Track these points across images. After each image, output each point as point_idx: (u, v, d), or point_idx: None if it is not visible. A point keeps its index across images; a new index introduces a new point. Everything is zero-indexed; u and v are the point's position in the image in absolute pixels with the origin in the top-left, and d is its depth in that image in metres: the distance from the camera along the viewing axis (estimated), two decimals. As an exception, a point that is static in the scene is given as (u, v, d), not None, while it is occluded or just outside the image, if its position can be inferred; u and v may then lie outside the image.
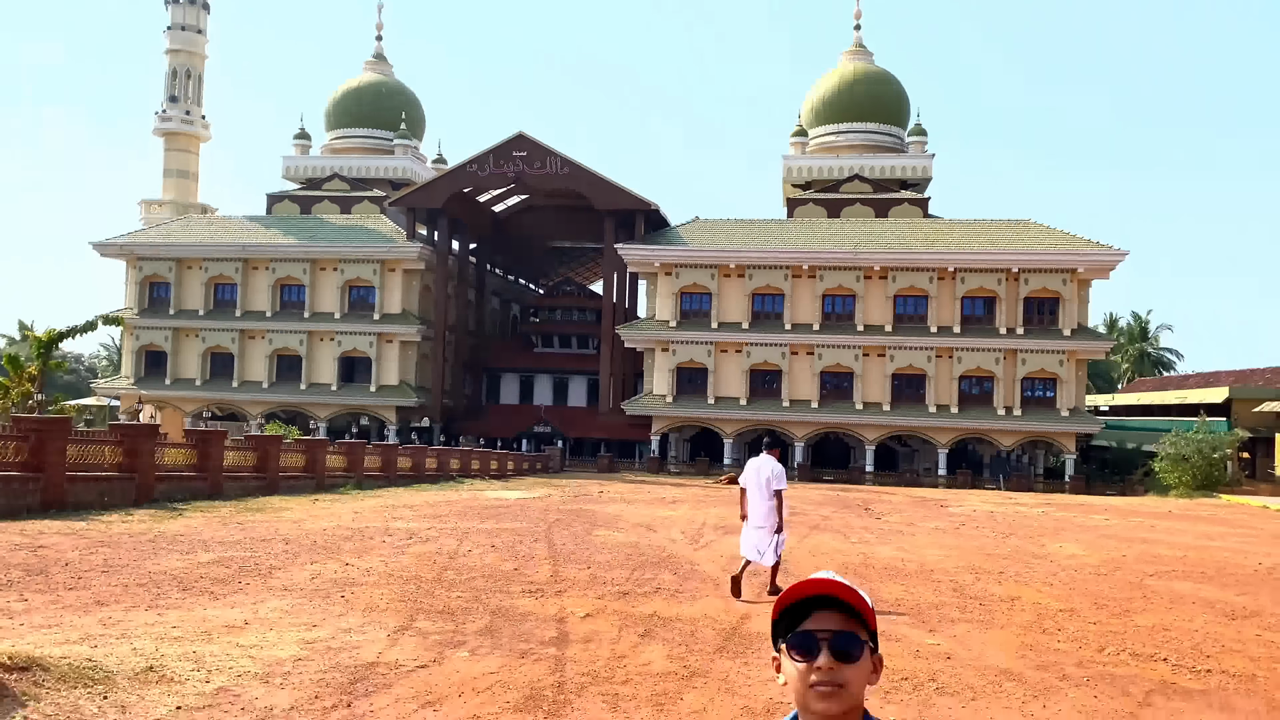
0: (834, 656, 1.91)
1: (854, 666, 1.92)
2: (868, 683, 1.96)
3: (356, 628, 9.28)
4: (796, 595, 1.97)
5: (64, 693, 6.51)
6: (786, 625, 1.98)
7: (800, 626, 1.95)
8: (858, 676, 1.92)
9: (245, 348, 65.18)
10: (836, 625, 1.93)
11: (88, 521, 17.12)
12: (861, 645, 1.94)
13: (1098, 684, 7.76)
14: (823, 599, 1.96)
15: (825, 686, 1.89)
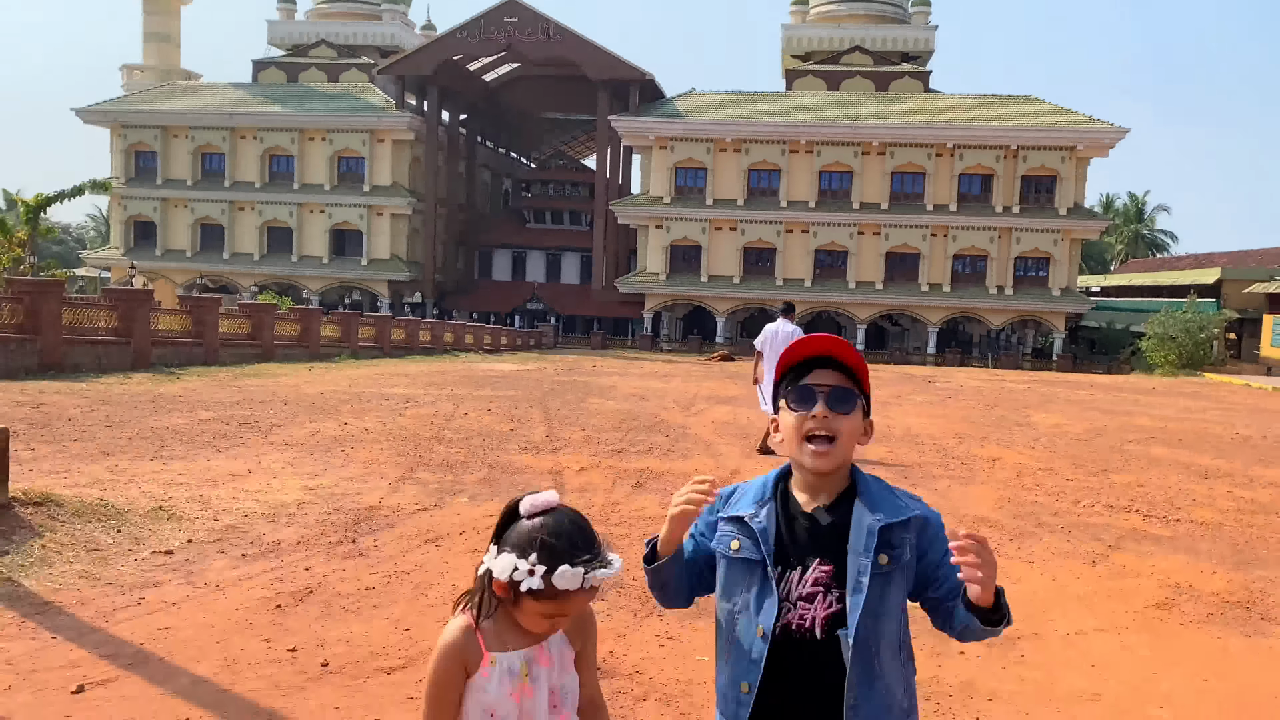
0: (829, 407, 2.01)
1: (847, 419, 2.02)
2: (858, 441, 2.07)
3: (358, 477, 9.55)
4: (799, 353, 2.07)
5: (78, 526, 6.76)
6: (789, 383, 2.08)
7: (802, 380, 2.05)
8: (849, 429, 2.02)
9: (235, 219, 64.54)
10: (834, 381, 2.04)
11: (86, 383, 17.32)
12: (855, 400, 2.04)
13: (1071, 531, 8.09)
14: (822, 358, 2.07)
15: (820, 434, 2.00)
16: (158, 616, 5.17)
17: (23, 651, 4.59)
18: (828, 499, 2.05)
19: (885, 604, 1.99)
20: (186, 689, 4.26)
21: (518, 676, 1.92)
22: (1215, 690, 4.62)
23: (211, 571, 6.05)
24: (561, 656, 2.00)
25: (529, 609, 1.91)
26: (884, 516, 1.99)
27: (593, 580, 1.90)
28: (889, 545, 1.98)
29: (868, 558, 1.96)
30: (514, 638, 1.95)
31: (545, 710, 1.95)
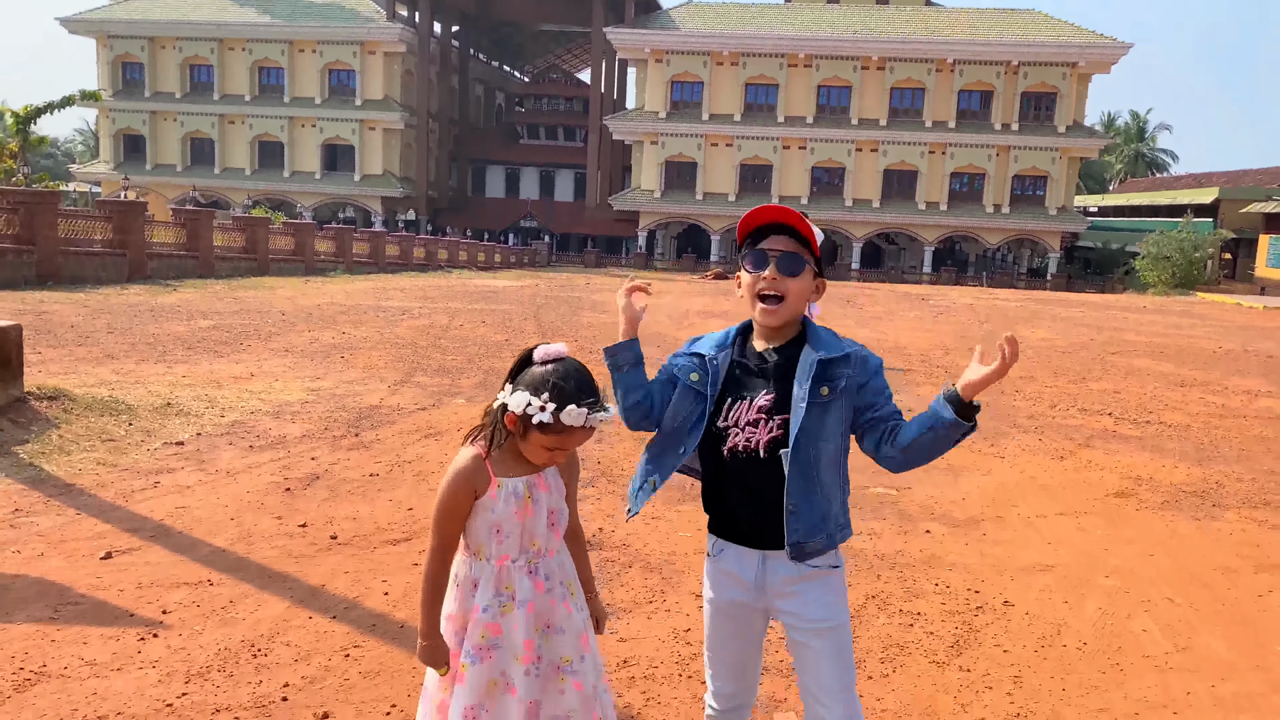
0: (779, 270, 2.25)
1: (795, 280, 2.25)
2: (809, 299, 2.31)
3: (358, 380, 9.84)
4: (755, 221, 2.31)
5: (91, 419, 7.06)
6: (747, 247, 2.32)
7: (758, 245, 2.29)
8: (797, 290, 2.26)
9: (225, 133, 63.77)
10: (785, 247, 2.27)
11: (85, 293, 17.51)
12: (803, 264, 2.27)
13: (1045, 431, 8.43)
14: (777, 225, 2.29)
15: (770, 294, 2.26)
16: (174, 497, 5.49)
17: (51, 525, 4.92)
18: (779, 343, 2.33)
19: (824, 429, 2.25)
20: (206, 557, 4.59)
21: (522, 498, 2.24)
22: (1160, 563, 4.98)
23: (222, 460, 6.36)
24: (556, 485, 2.34)
25: (535, 441, 2.21)
26: (825, 353, 2.27)
27: (593, 421, 2.19)
28: (828, 378, 2.24)
29: (806, 386, 2.23)
30: (516, 467, 2.27)
31: (545, 527, 2.29)
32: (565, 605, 2.31)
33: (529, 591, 2.26)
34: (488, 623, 2.24)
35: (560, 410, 2.16)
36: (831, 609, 2.32)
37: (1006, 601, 4.37)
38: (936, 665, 3.69)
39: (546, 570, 2.30)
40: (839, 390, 2.25)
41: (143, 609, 3.96)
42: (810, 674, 2.32)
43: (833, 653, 2.30)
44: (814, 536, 2.27)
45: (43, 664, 3.44)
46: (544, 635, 2.28)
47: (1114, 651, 3.86)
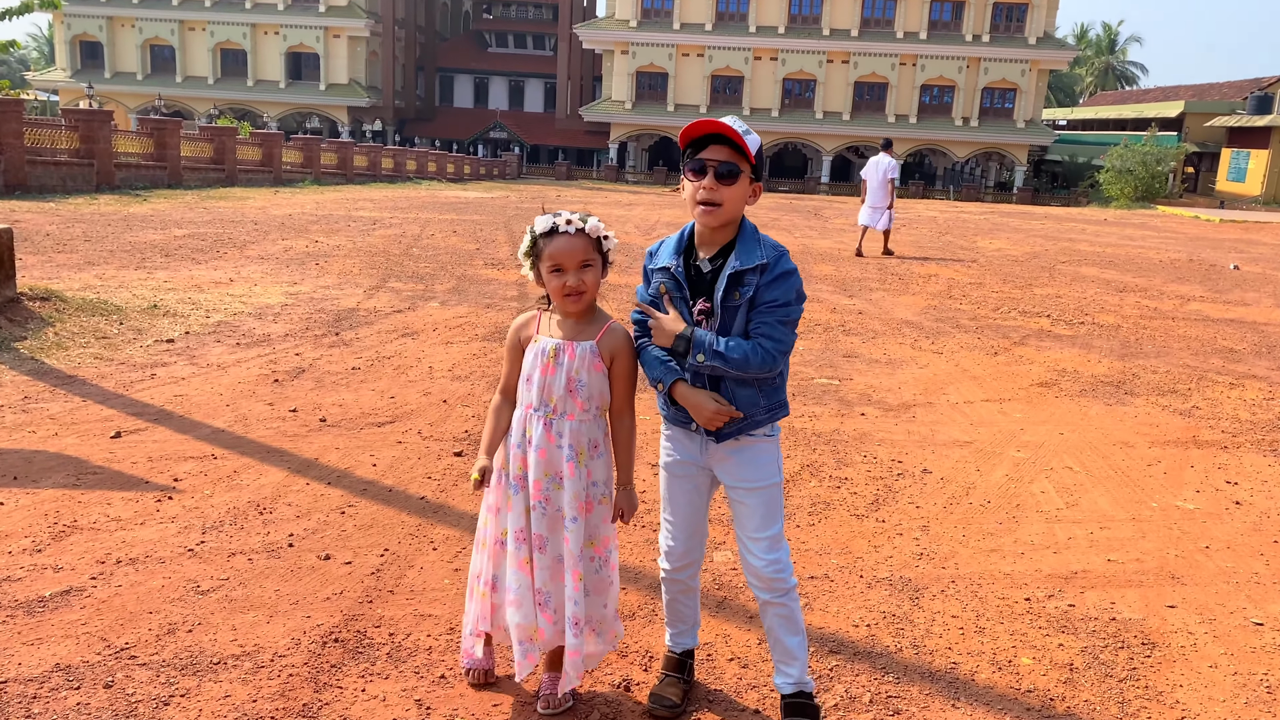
0: (716, 178, 2.46)
1: (731, 188, 2.46)
2: (746, 202, 2.53)
3: (334, 285, 10.21)
4: (695, 132, 2.51)
5: (83, 319, 7.43)
6: (689, 155, 2.54)
7: (698, 155, 2.51)
8: (734, 195, 2.48)
9: (186, 40, 62.14)
10: (722, 156, 2.47)
11: (55, 203, 17.56)
12: (739, 172, 2.47)
13: (984, 331, 9.00)
14: (714, 136, 2.49)
15: (707, 201, 2.48)
16: (171, 387, 5.93)
17: (60, 410, 5.35)
18: (711, 251, 2.58)
19: (738, 329, 2.53)
20: (208, 436, 5.05)
21: (547, 355, 2.58)
22: (1067, 439, 5.58)
23: (211, 356, 6.79)
24: (585, 357, 2.59)
25: (546, 277, 2.56)
26: (738, 264, 2.50)
27: (562, 223, 2.53)
28: (739, 284, 2.50)
29: (719, 296, 2.52)
30: (559, 331, 2.63)
31: (563, 389, 2.59)
32: (569, 465, 2.60)
33: (541, 439, 2.60)
34: (519, 456, 2.64)
35: None
36: (762, 470, 2.65)
37: (925, 469, 4.94)
38: (856, 517, 4.26)
39: (560, 429, 2.61)
40: (745, 296, 2.51)
41: (156, 477, 4.43)
42: (741, 524, 2.68)
43: (761, 507, 2.64)
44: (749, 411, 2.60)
45: (74, 519, 3.92)
46: (553, 482, 2.62)
47: (1012, 508, 4.45)
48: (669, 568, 2.82)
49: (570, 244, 2.54)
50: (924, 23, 58.49)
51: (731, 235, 2.57)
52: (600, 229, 2.61)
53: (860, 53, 58.85)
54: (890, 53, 58.69)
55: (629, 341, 2.69)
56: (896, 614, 3.40)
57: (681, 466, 2.73)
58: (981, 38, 58.12)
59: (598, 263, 2.61)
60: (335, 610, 3.28)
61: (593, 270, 2.59)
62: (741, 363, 2.47)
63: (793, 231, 21.26)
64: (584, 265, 2.57)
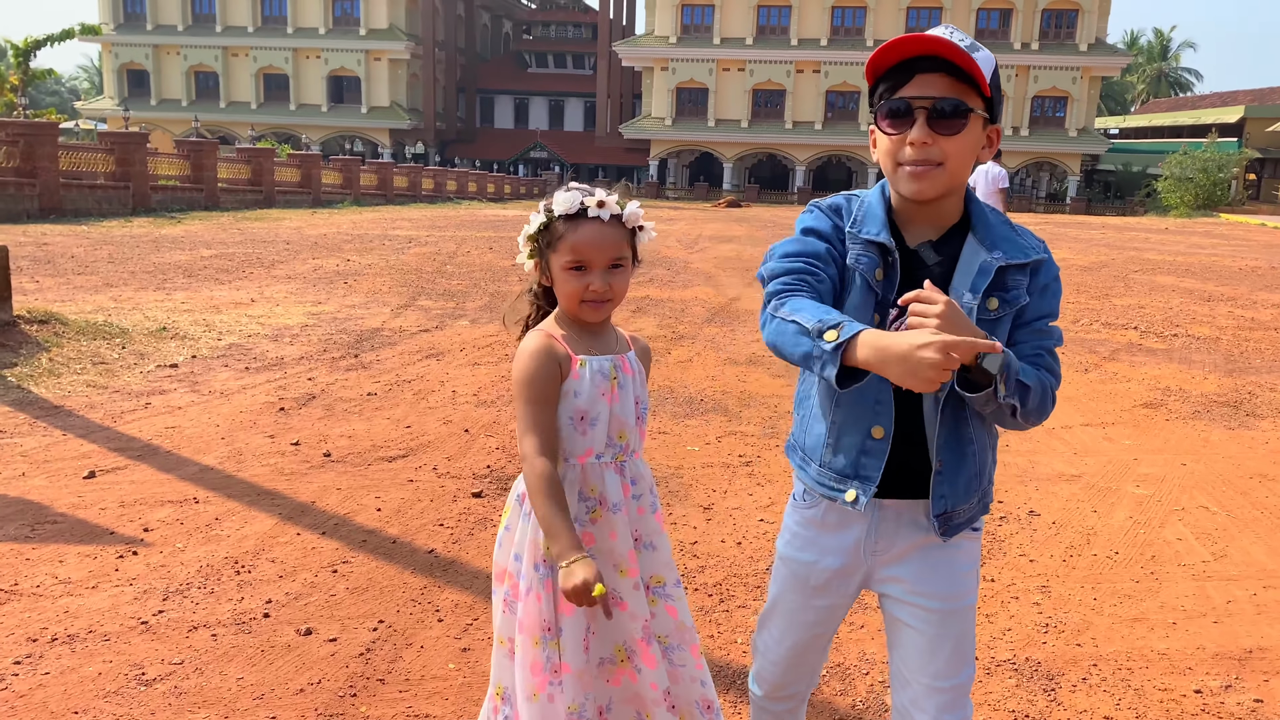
0: (931, 123, 1.59)
1: (956, 139, 1.59)
2: (978, 159, 1.65)
3: (360, 304, 9.62)
4: (896, 54, 1.61)
5: (84, 343, 6.86)
6: (884, 92, 1.65)
7: (898, 93, 1.62)
8: (960, 150, 1.60)
9: (229, 66, 62.79)
10: (939, 90, 1.58)
11: (88, 226, 17.27)
12: (967, 113, 1.59)
13: (1068, 345, 8.14)
14: (928, 59, 1.60)
15: (920, 161, 1.61)
16: (164, 418, 5.30)
17: (35, 446, 4.74)
18: (929, 233, 1.69)
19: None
20: (193, 475, 4.40)
21: (608, 377, 1.82)
22: (1193, 471, 4.74)
23: (216, 382, 6.17)
24: (638, 372, 1.91)
25: (558, 275, 1.80)
26: (1003, 255, 1.63)
27: (594, 204, 1.78)
28: (1003, 287, 1.63)
29: (975, 299, 1.62)
30: (596, 347, 1.85)
31: (633, 416, 1.86)
32: (656, 517, 1.91)
33: (618, 493, 1.83)
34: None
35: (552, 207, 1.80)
36: (960, 583, 1.74)
37: (1032, 511, 4.14)
38: (958, 575, 3.48)
39: (634, 472, 1.88)
40: (1014, 306, 1.64)
41: (124, 527, 3.78)
42: (911, 662, 1.75)
43: (950, 640, 1.72)
44: (964, 500, 1.70)
45: (14, 582, 3.27)
46: (647, 549, 1.90)
47: (1147, 560, 3.64)
48: (760, 693, 2.02)
49: (602, 235, 1.80)
50: (971, 31, 57.35)
51: (958, 211, 1.70)
52: (639, 216, 1.85)
53: (905, 64, 57.82)
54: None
55: (649, 349, 2.02)
56: (1030, 714, 2.62)
57: (820, 572, 1.81)
58: (1030, 45, 56.88)
59: (629, 262, 1.86)
60: (308, 709, 2.58)
61: (623, 272, 1.84)
62: (1039, 406, 1.60)
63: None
64: (614, 265, 1.82)
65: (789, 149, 59.93)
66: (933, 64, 1.59)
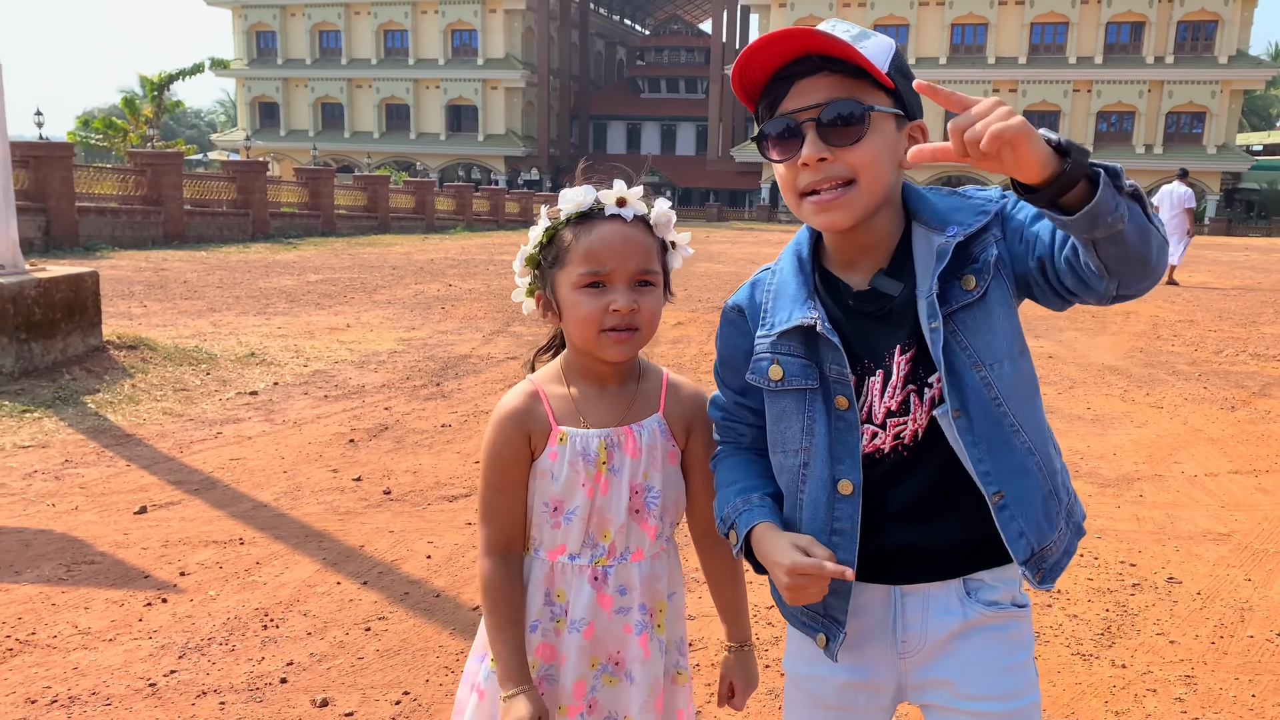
0: (824, 138, 1.27)
1: (860, 147, 1.26)
2: (900, 164, 1.31)
3: (453, 330, 9.46)
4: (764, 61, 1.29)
5: (170, 368, 6.82)
6: (763, 112, 1.33)
7: (778, 109, 1.30)
8: (869, 160, 1.27)
9: (354, 97, 65.08)
10: (825, 94, 1.27)
11: (207, 251, 17.81)
12: (865, 114, 1.26)
13: (1209, 378, 7.35)
14: (804, 61, 1.28)
15: (822, 190, 1.28)
16: (231, 448, 5.14)
17: (96, 477, 4.61)
18: (886, 258, 1.36)
19: (994, 341, 1.29)
20: (245, 512, 4.18)
21: (593, 462, 1.44)
22: (1370, 533, 4.04)
23: (292, 410, 6.01)
24: (655, 447, 1.48)
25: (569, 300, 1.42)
26: (958, 228, 1.31)
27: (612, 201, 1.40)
28: (971, 259, 1.30)
29: (933, 294, 1.29)
30: (594, 413, 1.47)
31: (624, 512, 1.46)
32: (641, 640, 1.49)
33: (587, 606, 1.46)
34: (539, 644, 1.48)
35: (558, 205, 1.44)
36: (1019, 675, 1.37)
37: (1171, 577, 3.55)
38: (1082, 658, 2.94)
39: (622, 581, 1.48)
40: (989, 271, 1.29)
41: (160, 570, 3.56)
42: None
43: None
44: (1051, 531, 1.34)
45: (33, 631, 3.06)
46: (605, 672, 1.50)
47: (1319, 646, 3.02)
48: None
49: (625, 237, 1.40)
50: (1099, 47, 55.09)
51: (899, 221, 1.36)
52: (671, 220, 1.45)
53: (1029, 81, 55.94)
54: (1062, 79, 55.53)
55: (705, 401, 1.53)
56: None
57: (836, 688, 1.42)
58: (1165, 59, 54.23)
59: (660, 281, 1.45)
60: (304, 802, 2.25)
61: (654, 294, 1.43)
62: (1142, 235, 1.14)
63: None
64: (641, 280, 1.41)
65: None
66: (812, 65, 1.28)
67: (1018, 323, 1.33)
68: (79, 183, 17.09)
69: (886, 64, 1.29)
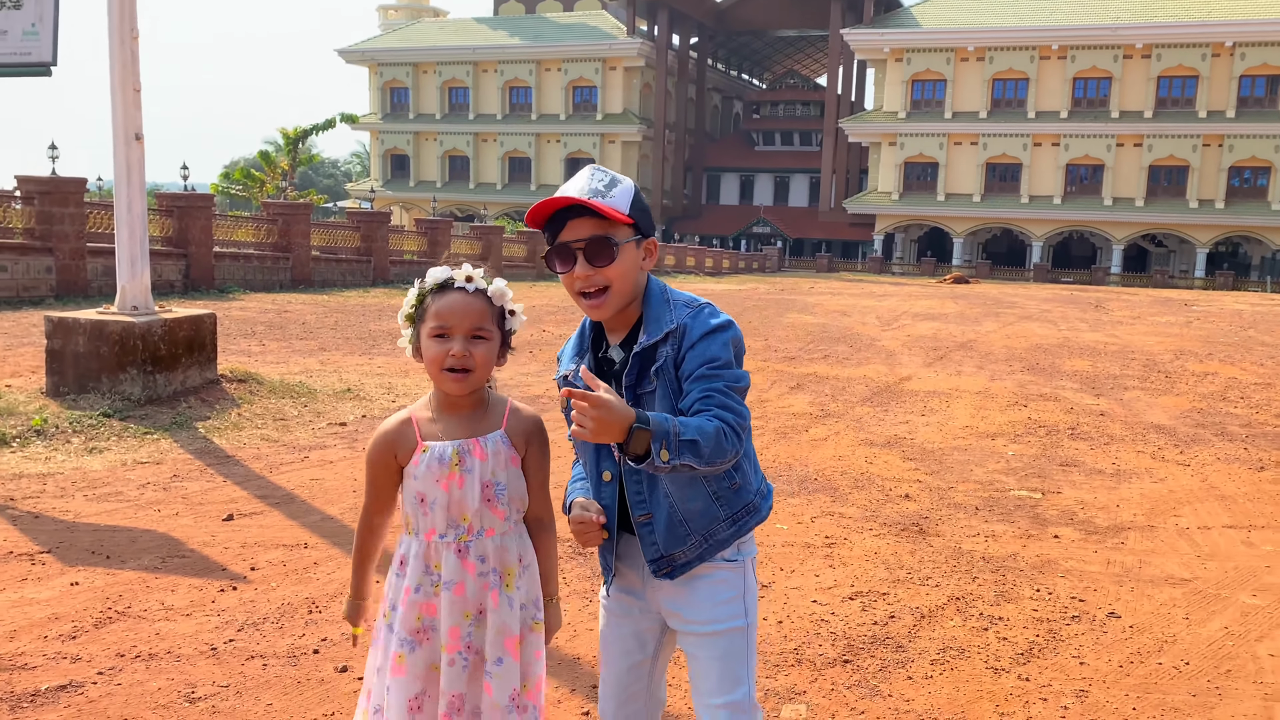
0: (589, 261, 1.88)
1: (614, 266, 1.88)
2: (640, 268, 1.96)
3: (534, 372, 10.17)
4: (548, 209, 1.91)
5: (272, 401, 7.71)
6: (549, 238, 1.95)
7: (558, 238, 1.91)
8: (620, 274, 1.90)
9: (479, 150, 68.01)
10: (587, 231, 1.87)
11: (328, 295, 19.19)
12: (616, 244, 1.87)
13: (1256, 440, 7.43)
14: (573, 208, 1.89)
15: (586, 291, 1.91)
16: (314, 470, 5.90)
17: (196, 489, 5.41)
18: (622, 335, 1.99)
19: None
20: (315, 523, 4.89)
21: (448, 465, 1.99)
22: (1332, 586, 4.25)
23: (372, 440, 6.76)
24: (498, 453, 2.04)
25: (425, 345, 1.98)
26: (645, 339, 1.91)
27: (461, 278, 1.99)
28: (651, 361, 1.89)
29: (631, 377, 1.91)
30: (450, 430, 2.02)
31: (477, 500, 2.01)
32: (494, 595, 2.03)
33: (456, 571, 2.02)
34: (421, 603, 2.03)
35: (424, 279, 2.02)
36: (720, 609, 1.99)
37: (1112, 613, 3.88)
38: (993, 671, 3.33)
39: (481, 551, 2.03)
40: (664, 370, 1.89)
41: (235, 564, 4.27)
42: (694, 686, 2.03)
43: (717, 662, 1.98)
44: (680, 543, 1.96)
45: (129, 605, 3.79)
46: (475, 622, 2.04)
47: (1220, 674, 3.33)
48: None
49: (465, 303, 1.98)
50: (1231, 101, 53.37)
51: (638, 310, 1.97)
52: (507, 296, 2.05)
53: (1155, 135, 54.58)
54: (1191, 134, 53.97)
55: (540, 422, 2.13)
56: (996, 820, 2.50)
57: (619, 602, 2.11)
58: (1225, 113, 52.55)
59: (495, 338, 2.02)
60: (311, 736, 2.86)
61: (486, 345, 2.00)
62: (715, 448, 1.76)
63: (1059, 323, 19.41)
64: (475, 335, 1.98)
65: (1024, 224, 57.57)
66: (580, 210, 1.88)
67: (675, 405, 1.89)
68: (217, 230, 18.73)
69: (628, 206, 1.90)
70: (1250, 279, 53.62)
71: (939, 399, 9.10)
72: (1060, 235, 58.31)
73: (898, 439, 7.24)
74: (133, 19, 7.10)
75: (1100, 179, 56.15)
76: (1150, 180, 55.36)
